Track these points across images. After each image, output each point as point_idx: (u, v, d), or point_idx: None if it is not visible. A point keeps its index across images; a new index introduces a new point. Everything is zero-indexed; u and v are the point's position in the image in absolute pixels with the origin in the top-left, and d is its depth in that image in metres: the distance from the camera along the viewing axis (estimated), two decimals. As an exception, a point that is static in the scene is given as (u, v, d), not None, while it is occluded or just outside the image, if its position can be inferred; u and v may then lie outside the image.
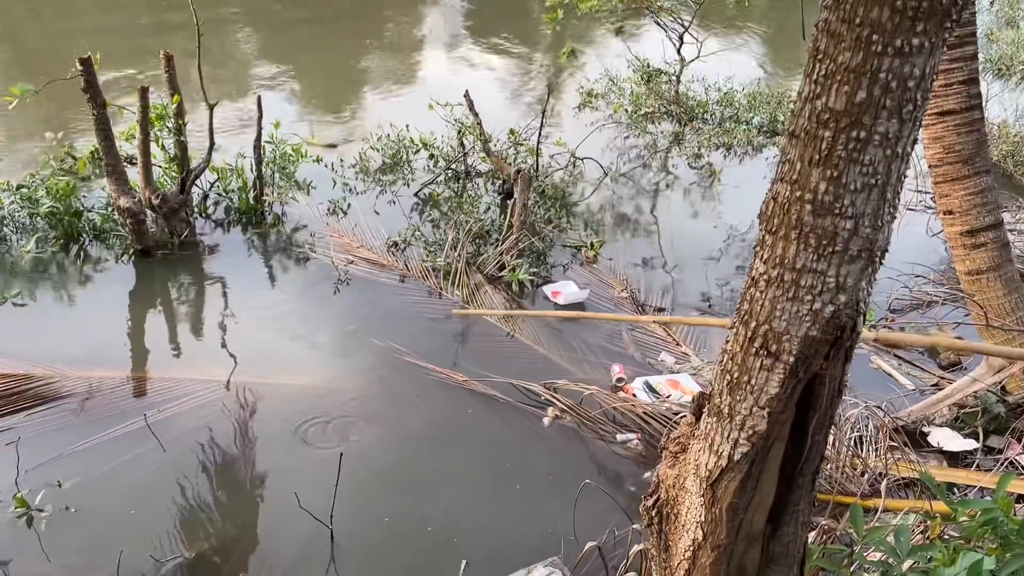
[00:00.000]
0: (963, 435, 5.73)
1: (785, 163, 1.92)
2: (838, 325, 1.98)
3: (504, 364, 6.57)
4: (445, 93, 10.33)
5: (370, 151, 10.62)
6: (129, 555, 4.48)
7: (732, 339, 2.16)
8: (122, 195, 7.74)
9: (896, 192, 1.92)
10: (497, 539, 4.93)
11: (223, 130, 10.10)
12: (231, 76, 14.04)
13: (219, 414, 5.90)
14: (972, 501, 3.31)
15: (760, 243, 2.04)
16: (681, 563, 2.40)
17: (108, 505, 5.04)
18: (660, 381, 6.35)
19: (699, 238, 9.21)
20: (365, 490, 5.26)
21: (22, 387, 5.93)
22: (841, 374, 2.11)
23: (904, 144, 1.84)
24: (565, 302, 7.68)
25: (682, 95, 12.97)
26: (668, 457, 2.51)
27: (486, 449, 5.77)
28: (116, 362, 6.50)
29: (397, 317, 7.32)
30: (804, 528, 2.38)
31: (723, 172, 10.94)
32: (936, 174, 5.71)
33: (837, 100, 1.79)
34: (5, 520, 4.86)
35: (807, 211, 1.89)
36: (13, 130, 10.84)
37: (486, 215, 9.19)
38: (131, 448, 5.49)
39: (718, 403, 2.21)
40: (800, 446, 2.22)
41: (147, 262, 8.02)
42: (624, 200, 10.32)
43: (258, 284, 7.96)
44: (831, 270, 1.92)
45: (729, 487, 2.22)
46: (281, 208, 9.21)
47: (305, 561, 4.72)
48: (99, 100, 7.42)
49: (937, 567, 2.51)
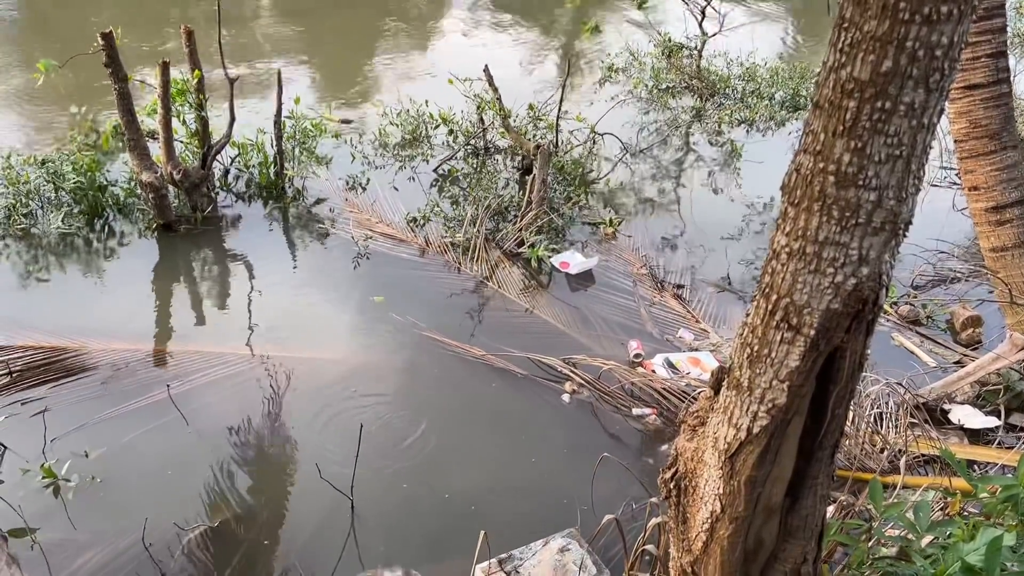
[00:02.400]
0: (985, 413, 5.70)
1: (808, 134, 1.90)
2: (860, 298, 1.97)
3: (522, 339, 6.58)
4: (464, 68, 10.28)
5: (389, 127, 10.60)
6: (154, 523, 4.55)
7: (753, 312, 2.15)
8: (144, 170, 7.78)
9: (921, 164, 1.89)
10: (515, 510, 4.97)
11: (244, 106, 10.12)
12: (249, 48, 14.03)
13: (241, 386, 5.96)
14: (993, 478, 3.30)
15: (782, 215, 2.02)
16: (699, 535, 2.41)
17: (133, 475, 5.12)
18: (680, 358, 6.35)
19: (720, 214, 9.15)
20: (385, 461, 5.31)
21: (49, 359, 6.02)
22: (862, 347, 2.10)
23: (930, 115, 1.82)
24: (576, 271, 7.69)
25: (703, 69, 12.83)
26: (687, 430, 2.51)
27: (504, 422, 5.80)
28: (140, 335, 6.58)
29: (417, 291, 7.35)
30: (822, 502, 2.38)
31: (745, 148, 10.84)
32: (962, 149, 5.63)
33: (862, 70, 1.77)
34: (33, 489, 4.95)
35: (830, 183, 1.87)
36: (38, 105, 10.92)
37: (505, 191, 9.17)
38: (155, 419, 5.57)
39: (738, 376, 2.21)
40: (820, 420, 2.21)
41: (170, 237, 8.08)
42: (644, 176, 10.26)
43: (279, 258, 8.01)
44: (854, 242, 1.91)
45: (748, 460, 2.23)
46: (302, 183, 9.24)
47: (326, 531, 4.79)
48: (121, 75, 7.45)
49: (956, 543, 2.50)
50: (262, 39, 14.63)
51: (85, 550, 4.52)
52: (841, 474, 4.84)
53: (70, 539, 4.61)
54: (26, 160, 8.59)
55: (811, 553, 2.41)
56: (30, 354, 6.04)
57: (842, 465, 4.95)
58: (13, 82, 11.75)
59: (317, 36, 14.71)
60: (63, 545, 4.56)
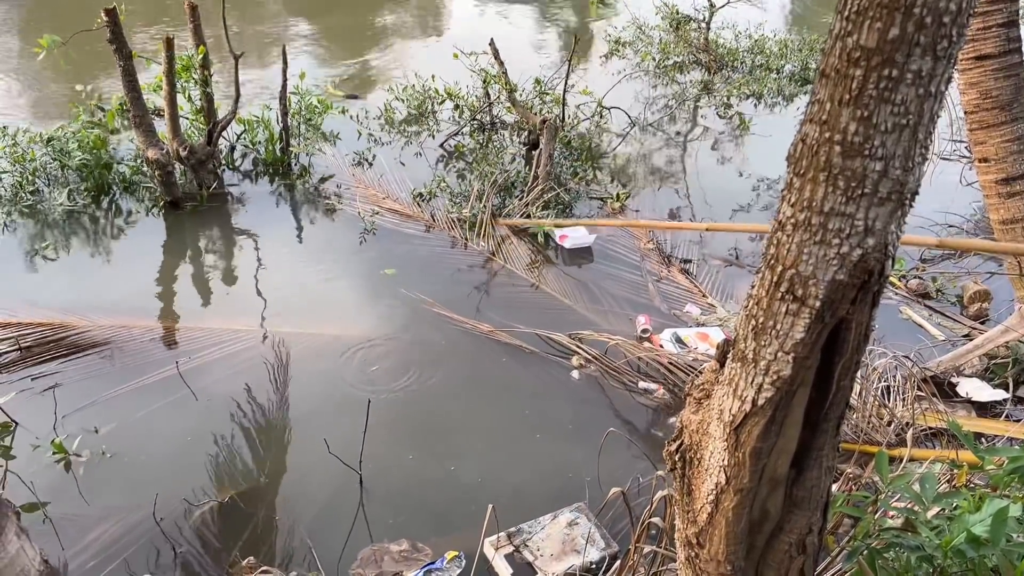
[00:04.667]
0: (993, 386, 5.68)
1: (814, 103, 1.88)
2: (866, 269, 1.95)
3: (529, 314, 6.59)
4: (470, 42, 10.21)
5: (395, 102, 10.56)
6: (164, 498, 4.59)
7: (758, 284, 2.14)
8: (150, 147, 7.78)
9: (928, 133, 1.87)
10: (522, 484, 4.99)
11: (249, 81, 10.08)
12: (255, 23, 13.97)
13: (249, 363, 5.99)
14: (1000, 449, 3.30)
15: (788, 186, 2.00)
16: (704, 506, 2.41)
17: (143, 450, 5.16)
18: (689, 333, 6.34)
19: (728, 189, 9.11)
20: (393, 436, 5.33)
21: (58, 335, 6.06)
22: (868, 319, 2.08)
23: (938, 83, 1.79)
24: (571, 246, 7.69)
25: (711, 43, 12.72)
26: (692, 403, 2.51)
27: (511, 398, 5.81)
28: (148, 312, 6.60)
29: (423, 267, 7.35)
30: (828, 473, 2.38)
31: (753, 121, 10.76)
32: (972, 120, 5.57)
33: (869, 37, 1.74)
34: (44, 464, 5.00)
35: (836, 152, 1.85)
36: (43, 82, 10.91)
37: (511, 166, 9.14)
38: (164, 396, 5.60)
39: (743, 348, 2.20)
40: (825, 391, 2.20)
41: (176, 214, 8.10)
42: (651, 151, 10.21)
43: (286, 235, 8.02)
44: (859, 213, 1.89)
45: (753, 432, 2.22)
46: (308, 159, 9.22)
47: (335, 505, 4.82)
48: (125, 51, 7.42)
49: (962, 514, 2.50)
50: (269, 22, 14.55)
51: (96, 524, 4.57)
52: (848, 447, 4.84)
53: (82, 514, 4.66)
54: (31, 138, 8.59)
55: (816, 524, 2.41)
56: (39, 330, 6.07)
57: (849, 438, 4.95)
58: (17, 60, 11.73)
59: (323, 16, 14.62)
60: (75, 520, 4.60)
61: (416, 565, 4.33)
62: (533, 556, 4.36)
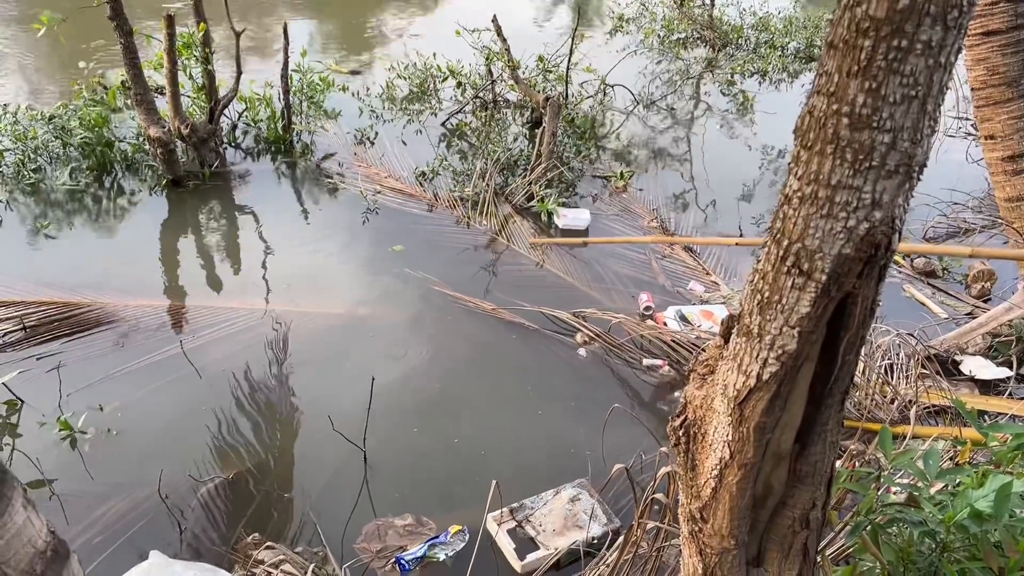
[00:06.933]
0: (996, 364, 5.68)
1: (822, 75, 1.86)
2: (872, 242, 1.93)
3: (533, 293, 6.58)
4: (472, 19, 10.13)
5: (396, 80, 10.50)
6: (169, 475, 4.62)
7: (763, 258, 2.12)
8: (152, 125, 7.75)
9: (937, 105, 1.85)
10: (525, 460, 5.01)
11: (251, 59, 10.03)
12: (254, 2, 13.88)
13: (252, 340, 6.00)
14: (1003, 425, 3.30)
15: (795, 159, 1.99)
16: (708, 481, 2.41)
17: (148, 428, 5.18)
18: (693, 311, 6.33)
19: (732, 167, 9.07)
20: (397, 413, 5.34)
21: (62, 314, 6.07)
22: (874, 294, 2.07)
23: (947, 53, 1.76)
24: (564, 226, 7.68)
25: (716, 19, 12.62)
26: (696, 378, 2.50)
27: (515, 375, 5.82)
28: (151, 291, 6.61)
29: (427, 246, 7.34)
30: (832, 449, 2.38)
31: (757, 99, 10.70)
32: (979, 97, 5.53)
33: (879, 7, 1.72)
34: (50, 442, 5.02)
35: (844, 124, 1.83)
36: (45, 60, 10.85)
37: (514, 145, 9.10)
38: (168, 374, 5.62)
39: (748, 323, 2.19)
40: (830, 366, 2.20)
41: (179, 192, 8.08)
42: (655, 128, 10.16)
43: (288, 213, 8.00)
44: (867, 186, 1.87)
45: (757, 406, 2.22)
46: (310, 137, 9.19)
47: (340, 481, 4.84)
48: (126, 28, 7.38)
49: (965, 490, 2.51)
50: None
51: (102, 501, 4.59)
52: (851, 424, 4.85)
53: (88, 490, 4.68)
54: (33, 116, 8.56)
55: (820, 499, 2.41)
56: (43, 309, 6.08)
57: (853, 416, 4.96)
58: (18, 37, 11.67)
59: None
60: (81, 496, 4.63)
61: (420, 539, 4.35)
62: (535, 531, 4.38)
